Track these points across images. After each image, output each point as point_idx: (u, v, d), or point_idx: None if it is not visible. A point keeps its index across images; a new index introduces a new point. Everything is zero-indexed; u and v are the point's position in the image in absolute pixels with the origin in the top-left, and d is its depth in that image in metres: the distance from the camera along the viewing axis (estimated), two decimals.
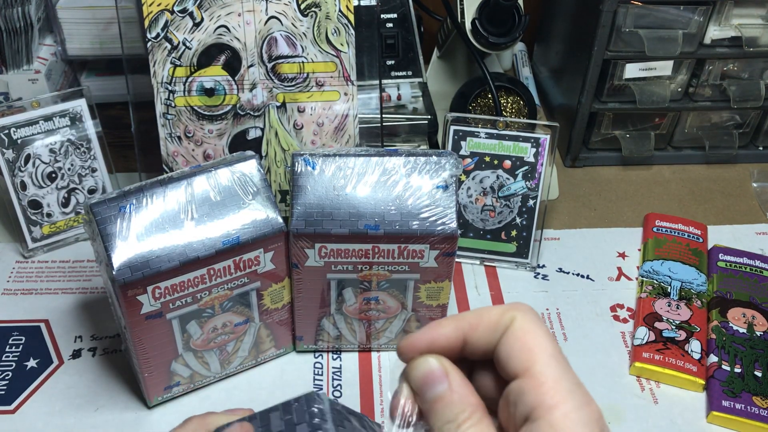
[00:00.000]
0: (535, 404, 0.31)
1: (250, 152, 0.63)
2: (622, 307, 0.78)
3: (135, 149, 0.78)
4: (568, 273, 0.82)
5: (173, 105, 0.72)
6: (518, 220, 0.80)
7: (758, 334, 0.73)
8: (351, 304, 0.67)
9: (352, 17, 0.73)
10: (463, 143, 0.80)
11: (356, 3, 0.75)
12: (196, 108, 0.73)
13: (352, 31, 0.73)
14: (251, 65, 0.72)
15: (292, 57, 0.73)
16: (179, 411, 0.66)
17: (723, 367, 0.70)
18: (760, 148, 1.00)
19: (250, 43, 0.72)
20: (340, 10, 0.72)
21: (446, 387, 0.33)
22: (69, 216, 0.82)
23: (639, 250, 0.85)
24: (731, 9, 0.86)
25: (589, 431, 0.31)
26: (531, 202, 0.80)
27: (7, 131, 0.76)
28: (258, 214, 0.60)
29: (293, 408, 0.35)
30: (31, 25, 0.84)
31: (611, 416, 0.67)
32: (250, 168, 0.62)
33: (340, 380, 0.69)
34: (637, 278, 0.81)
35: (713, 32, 0.87)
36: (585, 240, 0.86)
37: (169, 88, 0.72)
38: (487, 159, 0.80)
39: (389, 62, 0.85)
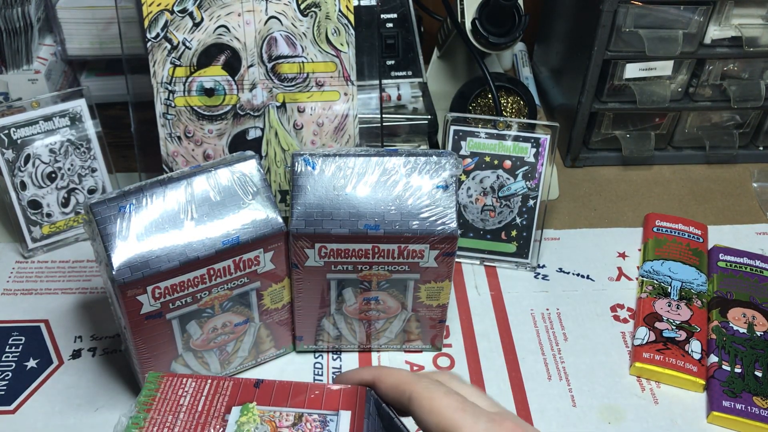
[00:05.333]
0: None
1: (250, 152, 0.63)
2: (622, 307, 0.78)
3: (135, 149, 0.78)
4: (568, 273, 0.82)
5: (173, 105, 0.72)
6: (518, 220, 0.80)
7: (758, 334, 0.73)
8: (351, 304, 0.67)
9: (352, 17, 0.73)
10: (463, 143, 0.80)
11: (356, 3, 0.75)
12: (196, 108, 0.73)
13: (352, 31, 0.73)
14: (251, 65, 0.72)
15: (292, 57, 0.73)
16: None
17: (723, 367, 0.70)
18: (761, 148, 1.00)
19: (250, 43, 0.72)
20: (340, 10, 0.72)
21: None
22: (69, 216, 0.82)
23: (639, 250, 0.85)
24: (731, 9, 0.86)
25: None
26: (531, 202, 0.80)
27: (7, 131, 0.76)
28: (258, 214, 0.60)
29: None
30: (30, 25, 0.84)
31: (611, 416, 0.67)
32: (250, 168, 0.62)
33: None
34: (637, 278, 0.81)
35: (713, 32, 0.87)
36: (585, 240, 0.86)
37: (169, 88, 0.72)
38: (487, 159, 0.80)
39: (389, 62, 0.85)
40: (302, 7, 0.72)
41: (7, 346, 0.71)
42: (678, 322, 0.74)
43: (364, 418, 0.41)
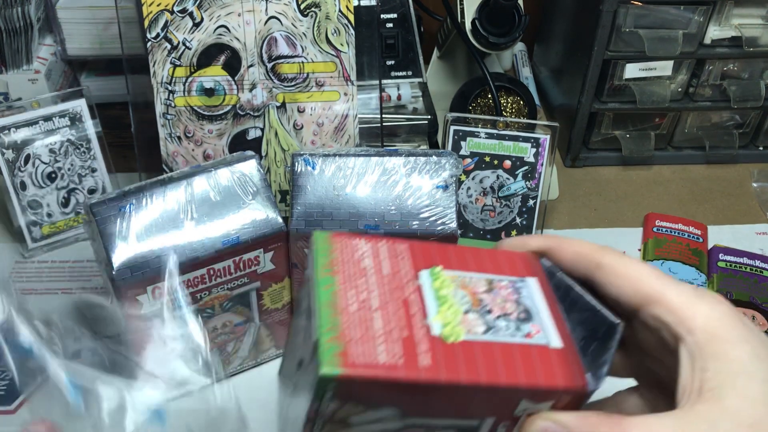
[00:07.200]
0: (676, 323, 0.35)
1: (249, 152, 0.63)
2: None
3: (135, 149, 0.78)
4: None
5: (173, 105, 0.72)
6: (518, 220, 0.80)
7: None
8: None
9: (352, 17, 0.73)
10: (463, 143, 0.80)
11: (356, 3, 0.75)
12: (195, 108, 0.73)
13: (352, 31, 0.73)
14: (251, 65, 0.72)
15: (292, 57, 0.73)
16: None
17: None
18: (761, 148, 1.00)
19: (250, 43, 0.72)
20: (340, 10, 0.72)
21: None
22: (69, 216, 0.82)
23: (639, 250, 0.85)
24: (731, 9, 0.86)
25: (730, 320, 0.34)
26: (531, 202, 0.80)
27: (7, 131, 0.76)
28: (258, 214, 0.60)
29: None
30: (30, 25, 0.84)
31: None
32: (249, 168, 0.62)
33: None
34: None
35: (713, 32, 0.87)
36: (585, 240, 0.86)
37: (169, 88, 0.72)
38: (487, 159, 0.80)
39: (389, 62, 0.85)
40: (302, 7, 0.72)
41: None
42: None
43: (549, 283, 0.39)
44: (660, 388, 0.39)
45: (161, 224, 0.58)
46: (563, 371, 0.35)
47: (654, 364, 0.39)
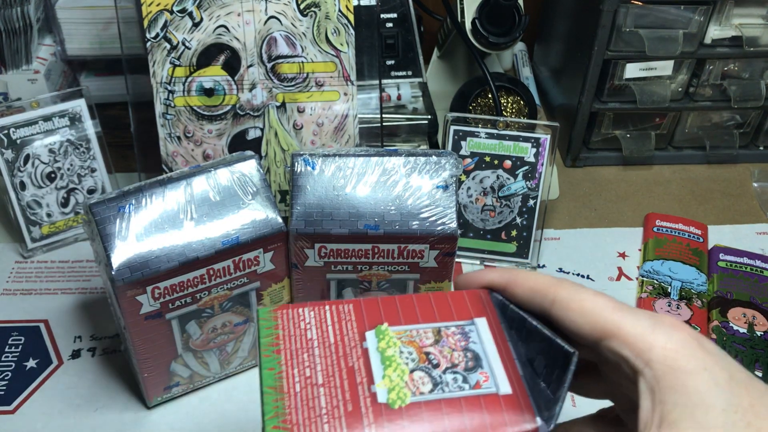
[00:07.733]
0: (633, 356, 0.34)
1: (249, 152, 0.63)
2: None
3: (134, 149, 0.78)
4: (568, 273, 0.82)
5: (173, 105, 0.72)
6: (518, 220, 0.80)
7: (759, 334, 0.72)
8: None
9: (351, 17, 0.73)
10: (463, 143, 0.80)
11: (356, 3, 0.75)
12: (195, 108, 0.73)
13: (352, 31, 0.73)
14: (251, 65, 0.72)
15: (291, 57, 0.73)
16: (179, 411, 0.66)
17: None
18: (761, 148, 1.00)
19: (250, 43, 0.72)
20: (339, 10, 0.72)
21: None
22: (68, 216, 0.82)
23: (639, 250, 0.85)
24: (732, 9, 0.86)
25: (688, 348, 0.34)
26: (531, 202, 0.80)
27: (6, 131, 0.76)
28: (257, 214, 0.60)
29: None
30: (30, 26, 0.84)
31: None
32: (249, 168, 0.62)
33: None
34: (637, 278, 0.81)
35: (714, 32, 0.87)
36: (585, 240, 0.86)
37: (169, 88, 0.72)
38: (488, 159, 0.80)
39: (389, 62, 0.85)
40: (302, 7, 0.72)
41: (7, 346, 0.71)
42: None
43: (500, 323, 0.39)
44: (635, 410, 0.39)
45: (161, 224, 0.57)
46: (513, 419, 0.35)
47: (626, 389, 0.39)
